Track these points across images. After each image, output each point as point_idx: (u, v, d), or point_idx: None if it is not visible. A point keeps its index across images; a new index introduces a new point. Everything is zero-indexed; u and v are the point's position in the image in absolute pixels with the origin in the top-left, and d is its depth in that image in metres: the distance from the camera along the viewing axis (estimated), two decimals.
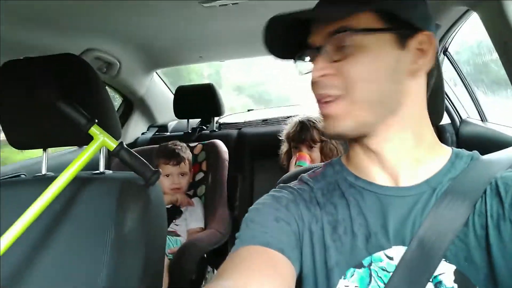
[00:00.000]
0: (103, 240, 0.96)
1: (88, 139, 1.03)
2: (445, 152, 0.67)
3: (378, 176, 0.66)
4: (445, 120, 1.88)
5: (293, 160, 1.73)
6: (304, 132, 1.68)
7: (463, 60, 1.76)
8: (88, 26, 1.57)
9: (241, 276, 0.53)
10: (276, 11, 0.57)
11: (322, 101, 0.62)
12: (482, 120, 1.68)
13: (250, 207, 0.68)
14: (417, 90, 0.64)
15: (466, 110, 1.90)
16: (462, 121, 1.86)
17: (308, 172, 0.76)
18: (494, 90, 1.69)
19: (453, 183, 0.61)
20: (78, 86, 1.06)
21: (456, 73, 1.78)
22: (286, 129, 1.79)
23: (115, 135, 1.08)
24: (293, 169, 1.72)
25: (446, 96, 1.89)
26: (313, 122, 1.70)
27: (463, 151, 0.67)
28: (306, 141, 1.69)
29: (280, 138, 1.85)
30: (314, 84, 0.62)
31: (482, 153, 0.67)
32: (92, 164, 1.12)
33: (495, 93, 1.70)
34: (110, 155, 1.05)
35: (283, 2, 1.44)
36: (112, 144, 1.03)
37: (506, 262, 0.54)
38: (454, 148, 0.67)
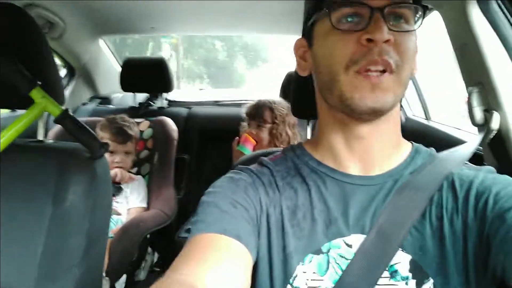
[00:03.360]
0: (41, 215, 0.88)
1: (29, 103, 0.92)
2: (406, 146, 0.68)
3: (349, 165, 0.65)
4: None
5: (235, 141, 1.74)
6: (257, 110, 1.72)
7: None
8: None
9: (197, 268, 0.51)
10: None
11: (374, 69, 0.56)
12: (426, 119, 1.78)
13: (207, 190, 0.65)
14: None
15: (412, 108, 2.00)
16: (406, 118, 1.95)
17: (268, 156, 0.74)
18: None
19: (413, 176, 0.63)
20: (20, 42, 0.94)
21: None
22: (246, 106, 1.81)
23: (59, 100, 0.98)
24: (234, 149, 1.73)
25: None
26: (270, 102, 1.72)
27: (422, 147, 0.69)
28: (257, 118, 1.71)
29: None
30: (375, 46, 0.55)
31: None
32: (27, 132, 1.01)
33: None
34: (54, 122, 0.95)
35: None
36: (56, 110, 0.94)
37: (455, 254, 0.56)
38: (413, 143, 0.69)
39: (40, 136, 1.04)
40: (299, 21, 0.70)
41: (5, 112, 1.71)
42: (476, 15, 0.94)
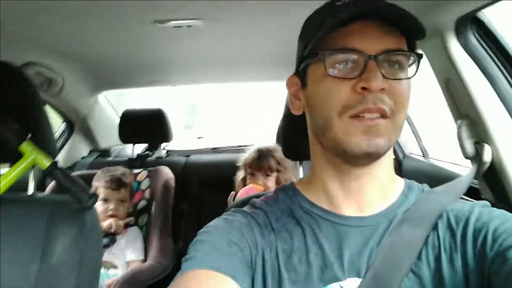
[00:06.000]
0: (28, 271, 0.85)
1: (18, 156, 0.92)
2: (399, 183, 0.67)
3: (343, 206, 0.63)
4: None
5: (231, 196, 1.71)
6: (262, 160, 1.69)
7: None
8: (31, 38, 1.47)
9: None
10: (231, 37, 0.54)
11: (369, 116, 0.56)
12: (423, 156, 1.77)
13: (200, 230, 0.63)
14: None
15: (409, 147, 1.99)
16: (405, 156, 1.94)
17: (260, 198, 0.72)
18: None
19: (406, 215, 0.61)
20: (11, 97, 0.96)
21: None
22: (244, 156, 1.78)
23: (51, 153, 0.98)
24: (230, 204, 1.69)
25: None
26: (271, 151, 1.71)
27: (414, 183, 0.67)
28: (263, 169, 1.69)
29: (238, 165, 1.82)
30: (370, 94, 0.56)
31: None
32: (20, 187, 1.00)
33: None
34: (43, 174, 0.95)
35: (239, 28, 1.46)
36: (46, 162, 0.94)
37: None
38: (406, 179, 0.68)
39: (31, 190, 1.03)
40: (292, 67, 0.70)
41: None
42: (456, 50, 0.97)
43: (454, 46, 0.96)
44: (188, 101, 4.93)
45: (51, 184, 1.81)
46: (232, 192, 1.74)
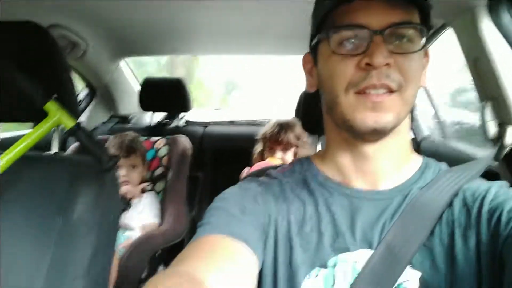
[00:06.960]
0: (50, 227, 0.88)
1: (43, 116, 0.95)
2: (416, 160, 0.67)
3: (357, 181, 0.64)
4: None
5: (260, 165, 1.72)
6: (281, 134, 1.70)
7: None
8: (57, 1, 1.48)
9: (200, 264, 0.50)
10: (258, 7, 0.52)
11: (374, 92, 0.56)
12: (443, 138, 1.74)
13: (216, 197, 0.65)
14: None
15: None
16: (424, 137, 1.91)
17: (277, 169, 0.74)
18: None
19: (422, 192, 0.61)
20: (37, 57, 0.98)
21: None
22: (263, 129, 1.79)
23: (74, 114, 1.00)
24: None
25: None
26: (291, 125, 1.71)
27: (432, 161, 0.68)
28: (283, 143, 1.70)
29: (256, 138, 1.84)
30: (374, 70, 0.55)
31: None
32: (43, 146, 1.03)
33: None
34: (66, 134, 0.97)
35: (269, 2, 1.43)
36: (69, 122, 0.96)
37: (468, 272, 0.54)
38: (424, 157, 0.68)
39: (54, 149, 1.07)
40: None
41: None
42: (488, 28, 0.93)
43: (486, 24, 0.93)
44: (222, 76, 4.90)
45: (73, 146, 1.86)
46: (245, 168, 1.76)
